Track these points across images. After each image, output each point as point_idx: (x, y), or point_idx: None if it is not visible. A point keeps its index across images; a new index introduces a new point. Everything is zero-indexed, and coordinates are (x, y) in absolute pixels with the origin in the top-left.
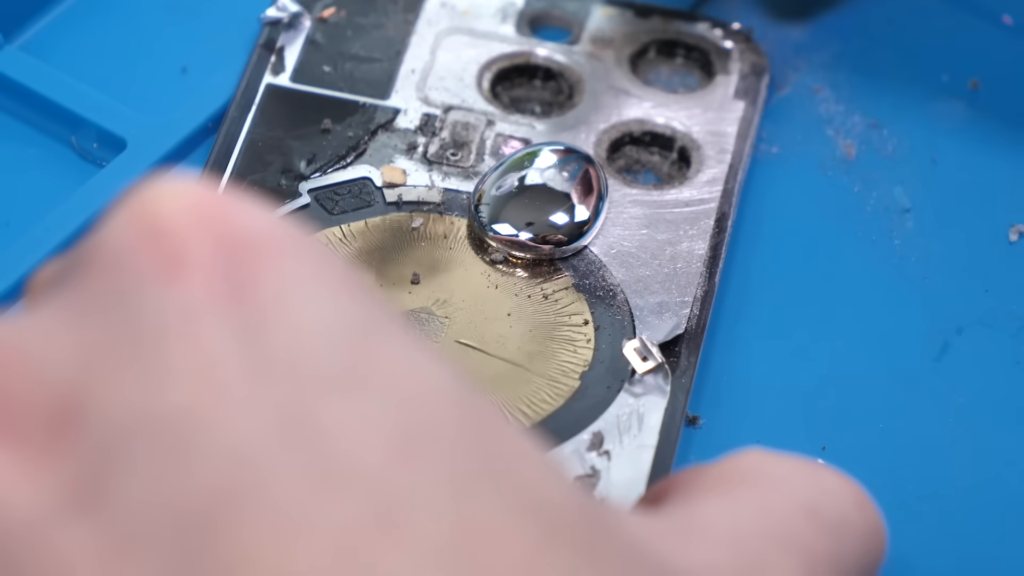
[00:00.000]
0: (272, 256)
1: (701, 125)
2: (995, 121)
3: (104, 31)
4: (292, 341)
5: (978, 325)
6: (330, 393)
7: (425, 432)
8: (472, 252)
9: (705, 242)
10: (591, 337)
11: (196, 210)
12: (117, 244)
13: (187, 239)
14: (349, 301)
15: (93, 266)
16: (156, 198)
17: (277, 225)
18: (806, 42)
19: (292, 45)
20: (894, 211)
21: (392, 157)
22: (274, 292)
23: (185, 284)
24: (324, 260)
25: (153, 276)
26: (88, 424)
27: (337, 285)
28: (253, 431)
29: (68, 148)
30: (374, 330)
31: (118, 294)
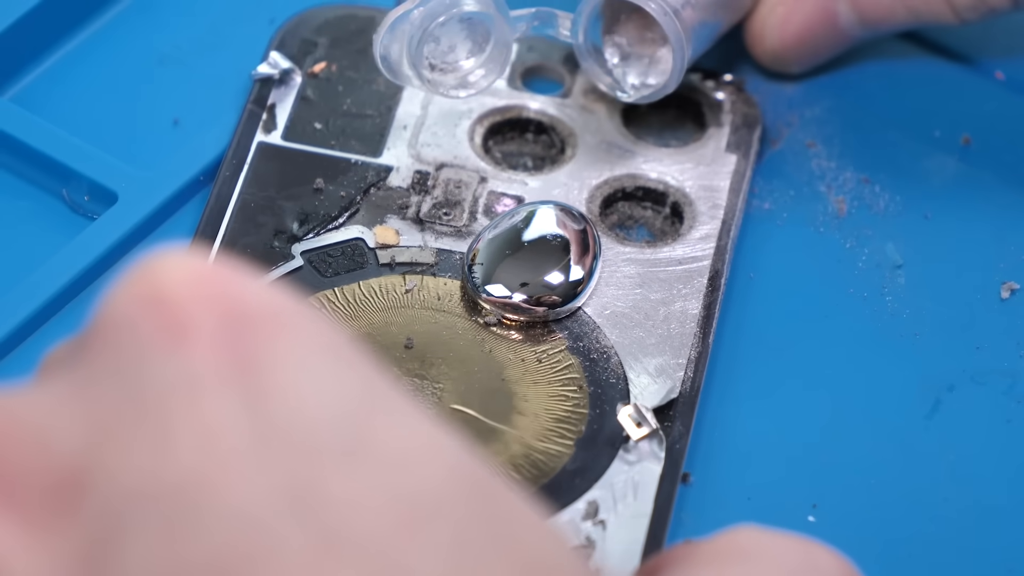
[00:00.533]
0: (274, 325)
1: (693, 179)
2: (987, 177)
3: (95, 83)
4: (296, 411)
5: (970, 383)
6: (334, 463)
7: (428, 501)
8: (465, 315)
9: (699, 301)
10: (585, 402)
11: (199, 281)
12: (121, 314)
13: (190, 309)
14: (351, 370)
15: (98, 337)
16: (159, 269)
17: (278, 296)
18: (799, 96)
19: (283, 102)
20: (886, 267)
21: (385, 217)
22: (277, 361)
23: (189, 352)
24: (326, 330)
25: (157, 345)
26: (95, 493)
27: (339, 354)
28: (259, 499)
29: (59, 201)
30: (376, 400)
31: (123, 363)
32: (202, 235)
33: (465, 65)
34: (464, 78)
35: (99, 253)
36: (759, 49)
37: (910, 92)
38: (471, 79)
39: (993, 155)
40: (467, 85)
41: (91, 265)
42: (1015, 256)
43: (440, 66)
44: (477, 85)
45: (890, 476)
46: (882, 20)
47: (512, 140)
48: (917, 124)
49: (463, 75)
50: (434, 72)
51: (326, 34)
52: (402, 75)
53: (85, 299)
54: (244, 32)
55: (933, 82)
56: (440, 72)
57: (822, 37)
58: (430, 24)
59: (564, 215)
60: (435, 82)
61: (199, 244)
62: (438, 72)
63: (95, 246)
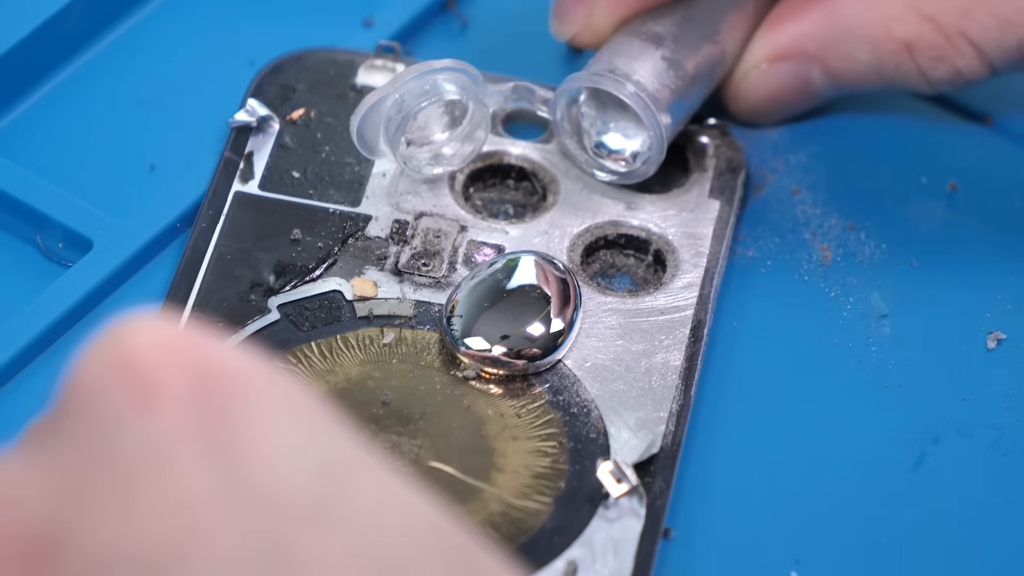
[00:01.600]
0: (244, 389)
1: (676, 227)
2: (974, 224)
3: (71, 127)
4: (267, 475)
5: (956, 435)
6: (306, 527)
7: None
8: (444, 369)
9: (681, 353)
10: (564, 458)
11: (168, 345)
12: (91, 379)
13: (159, 373)
14: (322, 433)
15: (68, 403)
16: (128, 333)
17: (248, 359)
18: (784, 142)
19: (261, 150)
20: (871, 317)
21: (363, 268)
22: (247, 424)
23: (158, 417)
24: (297, 392)
25: (127, 410)
26: (65, 561)
27: (310, 417)
28: (231, 566)
29: (33, 248)
30: (348, 462)
31: (93, 429)
32: (176, 289)
33: (440, 139)
34: (439, 152)
35: (74, 301)
36: (734, 107)
37: (897, 138)
38: (446, 152)
39: (980, 202)
40: (441, 160)
41: (65, 313)
42: (1002, 305)
43: (415, 140)
44: (451, 161)
45: (874, 530)
46: (855, 85)
47: (493, 187)
48: (904, 170)
49: (437, 149)
50: (409, 147)
51: (305, 80)
52: (377, 152)
53: (59, 348)
54: (223, 75)
55: (920, 127)
56: (415, 147)
57: (796, 99)
58: (410, 111)
59: (545, 265)
60: (409, 157)
61: (173, 299)
62: (413, 147)
63: (70, 294)
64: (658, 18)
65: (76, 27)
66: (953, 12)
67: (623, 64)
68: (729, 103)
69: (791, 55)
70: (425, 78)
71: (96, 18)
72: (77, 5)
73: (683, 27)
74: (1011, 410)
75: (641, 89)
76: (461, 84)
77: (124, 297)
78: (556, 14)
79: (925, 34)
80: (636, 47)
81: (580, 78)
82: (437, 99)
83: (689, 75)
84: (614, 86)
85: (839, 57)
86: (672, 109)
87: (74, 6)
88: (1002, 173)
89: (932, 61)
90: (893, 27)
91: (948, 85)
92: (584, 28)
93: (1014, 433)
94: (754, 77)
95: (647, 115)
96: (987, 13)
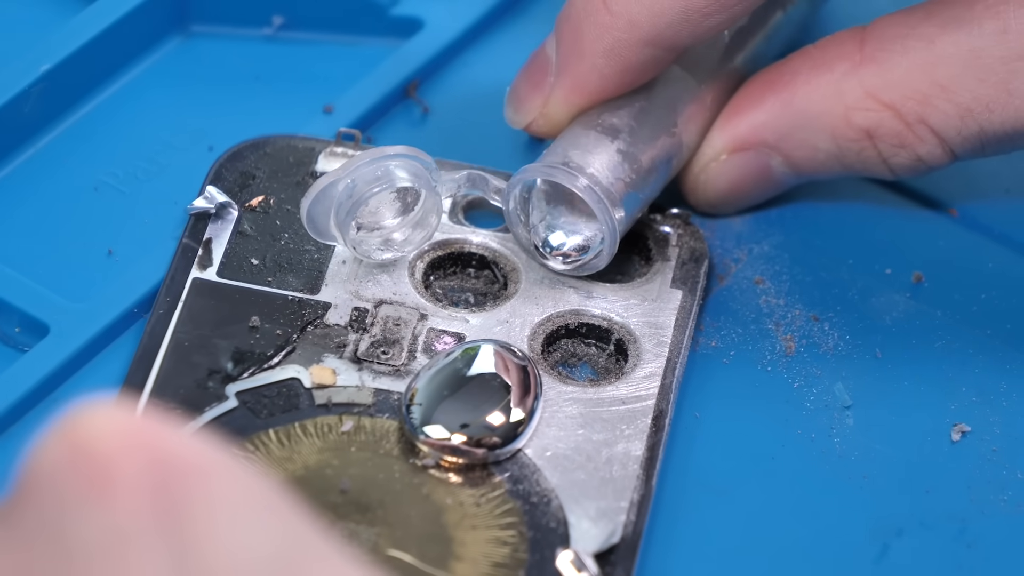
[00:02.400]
0: (200, 476)
1: (638, 316)
2: (939, 316)
3: (27, 210)
4: (223, 563)
5: (919, 527)
6: None
7: None
8: (403, 457)
9: (642, 442)
10: (524, 547)
11: (123, 433)
12: (45, 468)
13: (114, 461)
14: (279, 520)
15: (23, 492)
16: (83, 422)
17: (204, 446)
18: (747, 231)
19: (219, 236)
20: (834, 408)
21: (322, 356)
22: (203, 512)
23: (113, 505)
24: (253, 479)
25: (81, 499)
26: None
27: (267, 506)
28: None
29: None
30: (305, 549)
31: (48, 519)
32: (133, 376)
33: (391, 224)
34: (389, 237)
35: (29, 387)
36: (693, 199)
37: (861, 228)
38: (396, 238)
39: (945, 293)
40: (392, 246)
41: (21, 399)
42: (966, 397)
43: (366, 225)
44: (402, 247)
45: None
46: (815, 173)
47: (454, 275)
48: (868, 261)
49: (388, 234)
50: (360, 232)
51: (264, 166)
52: (328, 236)
53: (14, 434)
54: (182, 160)
55: (885, 218)
56: (365, 231)
57: (757, 189)
58: (361, 196)
59: (505, 354)
60: (359, 242)
61: (130, 385)
62: (364, 231)
63: (25, 379)
64: (614, 110)
65: (33, 110)
66: (913, 100)
67: (577, 156)
68: (688, 195)
69: (750, 145)
70: (377, 164)
71: (54, 101)
72: (34, 88)
73: (640, 119)
74: (975, 502)
75: (595, 183)
76: (413, 171)
77: (80, 383)
78: (511, 102)
79: (885, 121)
80: (591, 139)
81: (533, 169)
82: (389, 185)
83: (644, 168)
84: (567, 179)
85: (798, 146)
86: (626, 202)
87: (31, 89)
88: (967, 264)
89: (893, 148)
90: (852, 115)
91: (910, 171)
92: (540, 117)
93: (978, 525)
94: (714, 168)
95: (600, 209)
96: (947, 101)
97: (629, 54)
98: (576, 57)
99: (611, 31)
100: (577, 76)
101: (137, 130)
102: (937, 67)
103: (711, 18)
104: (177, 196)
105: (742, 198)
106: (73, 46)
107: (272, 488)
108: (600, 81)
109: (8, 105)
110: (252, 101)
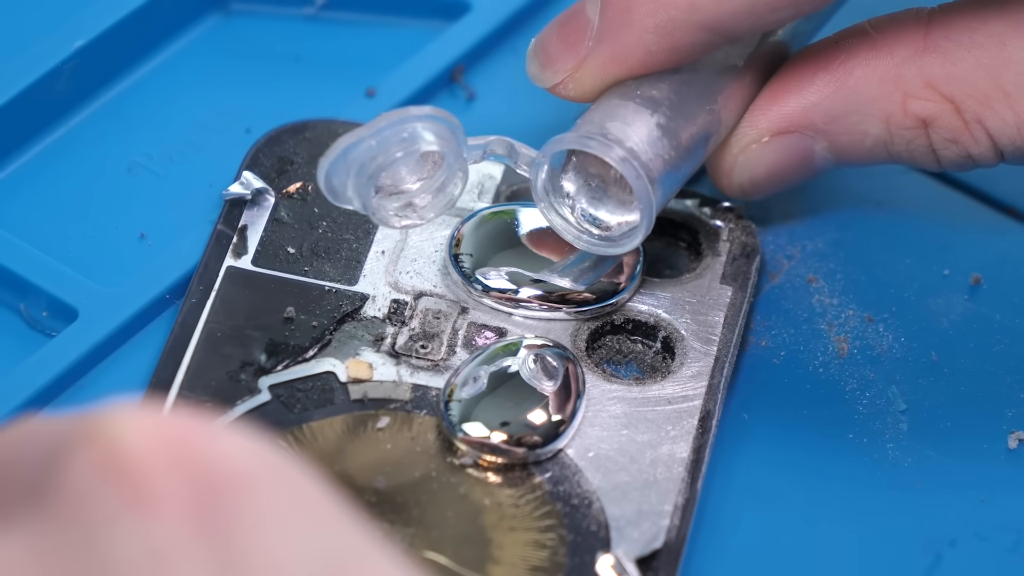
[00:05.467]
0: (244, 487)
1: (686, 313)
2: (998, 319)
3: (58, 192)
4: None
5: (973, 537)
6: None
7: None
8: (441, 455)
9: (688, 444)
10: (563, 551)
11: (161, 443)
12: (82, 483)
13: (154, 475)
14: (329, 532)
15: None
16: (117, 430)
17: (247, 450)
18: (801, 228)
19: (255, 224)
20: (888, 412)
21: (358, 349)
22: (249, 527)
23: (156, 523)
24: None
25: (122, 516)
26: None
27: (316, 515)
28: None
29: (16, 316)
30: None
31: (87, 535)
32: (164, 367)
33: (412, 189)
34: (409, 203)
35: (56, 373)
36: (725, 182)
37: (919, 227)
38: (417, 203)
39: (1005, 296)
40: (411, 212)
41: (47, 385)
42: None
43: (385, 188)
44: (423, 213)
45: None
46: (858, 161)
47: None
48: (925, 261)
49: (408, 200)
50: (377, 195)
51: (303, 151)
52: (344, 199)
53: None
54: (219, 142)
55: (944, 217)
56: (384, 195)
57: (794, 175)
58: (384, 159)
59: (548, 350)
60: (378, 208)
61: (160, 377)
62: (382, 196)
63: (52, 365)
64: (654, 81)
65: (66, 87)
66: (974, 99)
67: (616, 129)
68: (720, 178)
69: (796, 127)
70: (403, 125)
71: (88, 78)
72: (67, 65)
73: (680, 94)
74: None
75: (634, 157)
76: (440, 134)
77: (109, 370)
78: (538, 57)
79: (944, 114)
80: (630, 111)
81: (568, 139)
82: (414, 148)
83: (683, 146)
84: (604, 150)
85: (847, 131)
86: (663, 181)
87: (64, 66)
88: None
89: (946, 142)
90: (910, 103)
91: (957, 167)
92: (570, 80)
93: None
94: (754, 151)
95: (639, 185)
96: (1008, 108)
97: (682, 35)
98: (623, 27)
99: (667, 8)
100: (620, 47)
101: (173, 110)
102: (1004, 70)
103: (779, 12)
104: (212, 179)
105: (777, 184)
106: (108, 22)
107: (320, 492)
108: (644, 56)
109: (40, 82)
110: (292, 83)
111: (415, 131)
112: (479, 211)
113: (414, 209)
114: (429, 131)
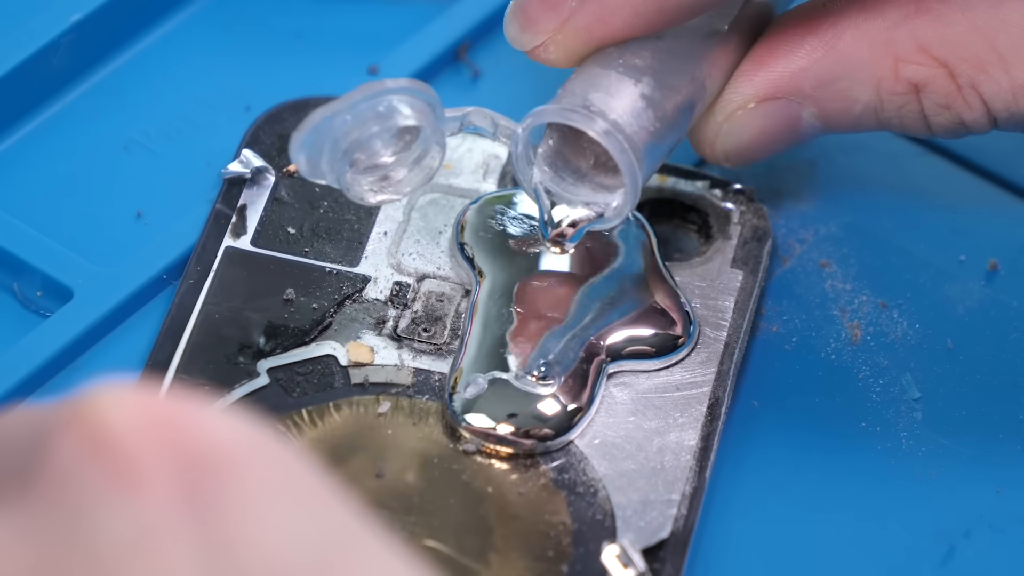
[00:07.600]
0: (234, 467)
1: (696, 297)
2: (1015, 305)
3: (53, 169)
4: (260, 559)
5: (987, 528)
6: None
7: None
8: (443, 442)
9: (696, 432)
10: (568, 540)
11: (150, 422)
12: (68, 461)
13: (141, 454)
14: (320, 513)
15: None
16: (104, 408)
17: (238, 431)
18: (814, 212)
19: (255, 203)
20: (902, 400)
21: (359, 332)
22: (239, 507)
23: (141, 502)
24: (291, 467)
25: (107, 495)
26: None
27: (307, 496)
28: None
29: (9, 296)
30: (347, 544)
31: (73, 514)
32: (160, 349)
33: (387, 162)
34: (385, 177)
35: (50, 354)
36: (708, 150)
37: (935, 212)
38: (393, 177)
39: (1022, 282)
40: (387, 186)
41: (41, 367)
42: None
43: (359, 162)
44: (398, 188)
45: None
46: (846, 128)
47: None
48: (941, 246)
49: (383, 174)
50: (352, 169)
51: None
52: (318, 174)
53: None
54: (218, 119)
55: (960, 202)
56: (358, 170)
57: (780, 142)
58: (360, 134)
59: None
60: (352, 183)
61: (156, 359)
62: (356, 169)
63: (46, 346)
64: (636, 48)
65: (62, 63)
66: (968, 63)
67: (598, 100)
68: (702, 145)
69: (784, 92)
70: (379, 99)
71: (84, 53)
72: (63, 39)
73: (663, 61)
74: None
75: (618, 130)
76: (417, 107)
77: (104, 352)
78: (518, 18)
79: (936, 79)
80: (612, 80)
81: (549, 111)
82: (391, 123)
83: (668, 116)
84: (586, 123)
85: (836, 96)
86: (648, 153)
87: (60, 40)
88: None
89: (938, 108)
90: (901, 67)
91: (948, 134)
92: (551, 43)
93: None
94: (740, 118)
95: (624, 160)
96: (1003, 72)
97: None
98: None
99: None
100: (607, 7)
101: (171, 87)
102: (999, 33)
103: None
104: (211, 158)
105: (762, 152)
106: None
107: (312, 474)
108: (631, 18)
109: (35, 57)
110: (293, 59)
111: (391, 105)
112: (484, 196)
113: (390, 183)
114: (406, 104)
